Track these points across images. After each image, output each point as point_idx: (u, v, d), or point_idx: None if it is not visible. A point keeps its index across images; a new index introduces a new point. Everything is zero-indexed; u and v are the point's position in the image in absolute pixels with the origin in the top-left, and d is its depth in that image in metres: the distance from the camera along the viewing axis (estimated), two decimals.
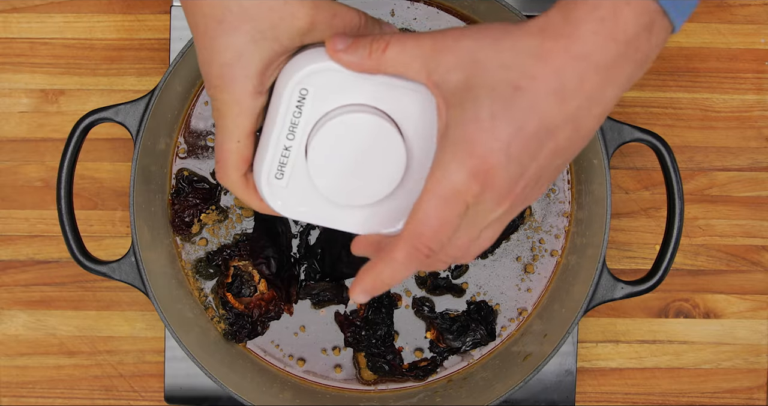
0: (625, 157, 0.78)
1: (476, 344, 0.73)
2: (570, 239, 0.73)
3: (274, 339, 0.74)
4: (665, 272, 0.67)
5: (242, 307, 0.73)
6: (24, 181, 0.78)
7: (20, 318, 0.78)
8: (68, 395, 0.78)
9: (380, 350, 0.73)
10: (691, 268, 0.78)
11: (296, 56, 0.49)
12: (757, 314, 0.78)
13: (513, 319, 0.74)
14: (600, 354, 0.78)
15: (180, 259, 0.73)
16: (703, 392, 0.78)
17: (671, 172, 0.67)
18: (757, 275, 0.78)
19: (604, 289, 0.68)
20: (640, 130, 0.68)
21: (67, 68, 0.77)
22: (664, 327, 0.78)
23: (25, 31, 0.77)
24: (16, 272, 0.78)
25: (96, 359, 0.78)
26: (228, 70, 0.48)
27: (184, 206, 0.72)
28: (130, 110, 0.68)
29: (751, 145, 0.78)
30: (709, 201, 0.78)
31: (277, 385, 0.72)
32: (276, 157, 0.50)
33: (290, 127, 0.49)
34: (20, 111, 0.77)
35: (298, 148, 0.50)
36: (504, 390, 0.69)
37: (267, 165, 0.50)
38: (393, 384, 0.74)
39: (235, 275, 0.73)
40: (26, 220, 0.78)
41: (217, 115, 0.50)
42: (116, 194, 0.78)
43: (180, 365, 0.75)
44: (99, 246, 0.77)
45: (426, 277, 0.73)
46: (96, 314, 0.78)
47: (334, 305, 0.73)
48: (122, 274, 0.68)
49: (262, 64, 0.48)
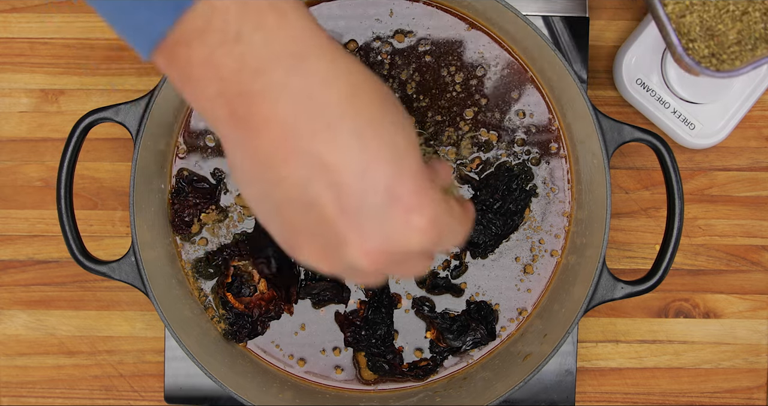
0: (625, 157, 0.78)
1: (476, 343, 0.73)
2: (570, 239, 0.73)
3: (274, 339, 0.74)
4: (665, 271, 0.67)
5: (242, 307, 0.73)
6: (24, 181, 0.78)
7: (20, 318, 0.78)
8: (68, 395, 0.78)
9: (380, 350, 0.73)
10: (691, 268, 0.78)
11: None
12: (757, 314, 0.78)
13: (513, 319, 0.74)
14: (600, 354, 0.78)
15: (180, 259, 0.73)
16: (703, 392, 0.78)
17: (671, 172, 0.67)
18: (757, 275, 0.78)
19: (604, 289, 0.68)
20: (640, 130, 0.68)
21: (67, 68, 0.77)
22: (664, 327, 0.78)
23: (25, 31, 0.77)
24: (16, 272, 0.78)
25: (96, 358, 0.78)
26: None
27: (184, 205, 0.72)
28: (130, 110, 0.68)
29: (751, 145, 0.78)
30: (709, 201, 0.78)
31: (277, 385, 0.72)
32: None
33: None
34: (20, 111, 0.77)
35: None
36: (504, 390, 0.69)
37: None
38: (393, 384, 0.74)
39: (235, 275, 0.73)
40: (26, 220, 0.78)
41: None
42: (116, 194, 0.78)
43: (180, 365, 0.75)
44: (99, 246, 0.77)
45: (425, 276, 0.73)
46: (96, 314, 0.78)
47: (334, 305, 0.73)
48: (122, 274, 0.68)
49: None
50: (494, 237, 0.72)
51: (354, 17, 0.72)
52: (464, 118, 0.72)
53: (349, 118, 0.42)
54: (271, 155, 0.42)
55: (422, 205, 0.43)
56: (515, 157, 0.73)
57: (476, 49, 0.72)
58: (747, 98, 0.74)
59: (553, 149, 0.73)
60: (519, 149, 0.73)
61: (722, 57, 0.64)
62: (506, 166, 0.72)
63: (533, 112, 0.73)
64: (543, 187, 0.73)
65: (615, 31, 0.77)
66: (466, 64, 0.72)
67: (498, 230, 0.72)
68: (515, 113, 0.73)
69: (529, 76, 0.72)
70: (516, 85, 0.73)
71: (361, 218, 0.42)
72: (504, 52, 0.72)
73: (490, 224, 0.72)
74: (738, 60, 0.64)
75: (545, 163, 0.73)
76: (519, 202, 0.72)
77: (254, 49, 0.41)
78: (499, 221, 0.72)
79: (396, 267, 0.45)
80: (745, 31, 0.64)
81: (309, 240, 0.44)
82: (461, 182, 0.72)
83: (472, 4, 0.71)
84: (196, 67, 0.41)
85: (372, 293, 0.73)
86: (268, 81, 0.41)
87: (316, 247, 0.45)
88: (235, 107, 0.42)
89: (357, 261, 0.44)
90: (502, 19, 0.70)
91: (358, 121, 0.42)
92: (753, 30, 0.64)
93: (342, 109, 0.42)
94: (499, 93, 0.73)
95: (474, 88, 0.72)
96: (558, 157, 0.73)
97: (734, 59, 0.64)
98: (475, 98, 0.72)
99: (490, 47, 0.72)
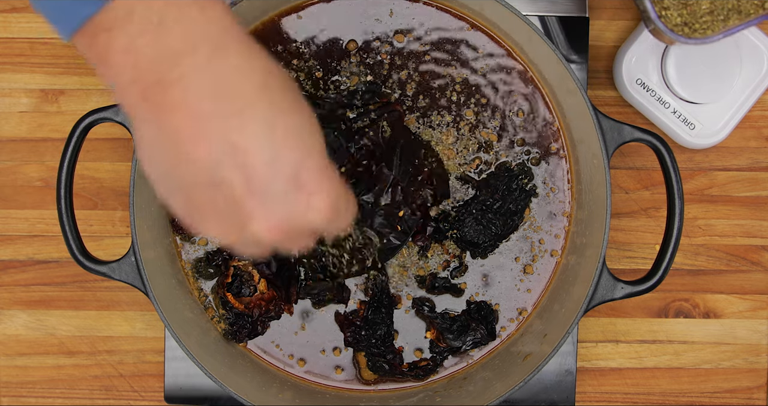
0: (625, 157, 0.78)
1: (477, 343, 0.73)
2: (570, 239, 0.73)
3: (274, 339, 0.74)
4: (665, 271, 0.67)
5: (242, 307, 0.73)
6: (24, 181, 0.78)
7: (20, 318, 0.78)
8: (68, 395, 0.78)
9: (380, 350, 0.73)
10: (691, 268, 0.78)
11: None
12: (757, 314, 0.78)
13: (513, 319, 0.74)
14: (600, 354, 0.78)
15: (180, 258, 0.73)
16: (703, 392, 0.78)
17: (671, 172, 0.67)
18: (757, 275, 0.78)
19: (604, 289, 0.68)
20: (640, 130, 0.68)
21: (67, 68, 0.77)
22: (664, 327, 0.78)
23: (25, 31, 0.77)
24: (16, 272, 0.78)
25: (96, 358, 0.78)
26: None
27: None
28: None
29: (751, 145, 0.78)
30: (709, 201, 0.78)
31: (277, 385, 0.72)
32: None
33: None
34: (20, 111, 0.77)
35: None
36: (504, 390, 0.69)
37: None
38: (393, 384, 0.74)
39: (235, 275, 0.73)
40: (26, 220, 0.78)
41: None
42: (116, 194, 0.78)
43: (180, 365, 0.75)
44: (99, 246, 0.77)
45: (425, 276, 0.73)
46: (96, 314, 0.78)
47: (334, 305, 0.73)
48: (122, 274, 0.68)
49: None
50: (494, 237, 0.72)
51: (354, 17, 0.72)
52: (464, 118, 0.72)
53: (261, 107, 0.45)
54: (181, 138, 0.45)
55: (323, 190, 0.47)
56: (515, 158, 0.73)
57: (476, 49, 0.73)
58: (747, 98, 0.74)
59: (553, 149, 0.73)
60: (519, 149, 0.73)
61: (694, 26, 0.65)
62: (506, 166, 0.72)
63: (533, 112, 0.73)
64: (543, 187, 0.73)
65: (615, 31, 0.77)
66: (466, 64, 0.72)
67: (498, 230, 0.72)
68: (515, 113, 0.73)
69: (529, 76, 0.72)
70: (516, 85, 0.73)
71: (267, 199, 0.46)
72: (504, 52, 0.72)
73: (490, 224, 0.72)
74: (710, 30, 0.65)
75: (545, 163, 0.73)
76: (519, 202, 0.72)
77: (174, 38, 0.43)
78: (499, 220, 0.72)
79: (289, 241, 0.49)
80: (718, 2, 0.64)
81: (212, 214, 0.48)
82: (461, 182, 0.73)
83: (472, 4, 0.71)
84: (115, 54, 0.43)
85: (372, 293, 0.73)
86: (185, 69, 0.44)
87: (220, 222, 0.48)
88: (150, 94, 0.44)
89: (260, 235, 0.47)
90: (501, 19, 0.70)
91: (270, 111, 0.45)
92: (726, 1, 0.64)
93: (255, 98, 0.45)
94: (499, 93, 0.73)
95: (474, 88, 0.72)
96: (558, 157, 0.73)
97: (706, 29, 0.65)
98: (475, 98, 0.72)
99: (490, 47, 0.72)
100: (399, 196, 0.70)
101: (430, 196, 0.71)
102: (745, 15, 0.64)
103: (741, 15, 0.64)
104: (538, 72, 0.72)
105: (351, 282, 0.73)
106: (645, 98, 0.74)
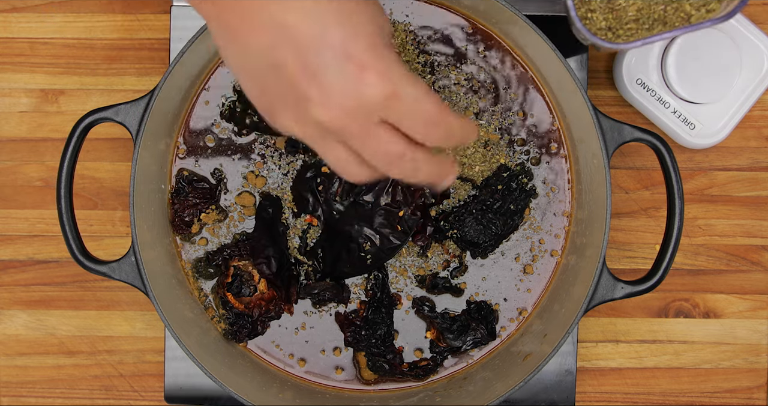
0: (625, 157, 0.78)
1: (477, 343, 0.73)
2: (570, 239, 0.73)
3: (274, 339, 0.74)
4: (665, 271, 0.67)
5: (242, 307, 0.73)
6: (24, 181, 0.78)
7: (20, 318, 0.78)
8: (68, 394, 0.78)
9: (380, 350, 0.73)
10: (691, 268, 0.78)
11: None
12: (757, 313, 0.78)
13: (513, 319, 0.74)
14: (600, 354, 0.78)
15: (180, 258, 0.73)
16: (703, 392, 0.78)
17: (671, 172, 0.67)
18: (757, 275, 0.78)
19: (604, 289, 0.68)
20: (640, 130, 0.68)
21: (67, 68, 0.77)
22: (664, 327, 0.78)
23: (25, 31, 0.77)
24: (16, 271, 0.78)
25: (96, 358, 0.78)
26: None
27: (184, 205, 0.72)
28: (130, 110, 0.68)
29: (751, 145, 0.78)
30: (709, 201, 0.78)
31: (277, 385, 0.72)
32: None
33: None
34: (20, 111, 0.77)
35: None
36: (504, 390, 0.69)
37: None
38: (393, 384, 0.74)
39: (235, 275, 0.73)
40: (26, 220, 0.78)
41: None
42: (116, 194, 0.78)
43: (180, 365, 0.75)
44: (99, 246, 0.77)
45: (425, 276, 0.73)
46: (96, 314, 0.78)
47: (334, 305, 0.73)
48: (122, 274, 0.68)
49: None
50: (494, 237, 0.72)
51: None
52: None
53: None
54: (240, 28, 0.47)
55: (374, 66, 0.46)
56: (515, 157, 0.73)
57: (476, 49, 0.73)
58: (747, 98, 0.74)
59: (553, 149, 0.73)
60: (519, 149, 0.73)
61: (618, 32, 0.65)
62: (506, 166, 0.72)
63: (533, 112, 0.73)
64: (543, 187, 0.73)
65: None
66: (466, 64, 0.72)
67: (498, 229, 0.72)
68: (515, 113, 0.73)
69: (529, 76, 0.72)
70: (516, 85, 0.73)
71: (320, 75, 0.46)
72: (504, 52, 0.72)
73: (490, 223, 0.72)
74: (633, 37, 0.65)
75: (545, 163, 0.73)
76: (519, 202, 0.72)
77: None
78: (499, 220, 0.72)
79: (357, 127, 0.47)
80: (644, 10, 0.64)
81: (281, 103, 0.48)
82: (461, 182, 0.72)
83: (473, 4, 0.71)
84: None
85: (372, 293, 0.73)
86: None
87: (288, 109, 0.48)
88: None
89: (320, 117, 0.47)
90: (502, 19, 0.70)
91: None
92: (653, 10, 0.64)
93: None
94: (499, 93, 0.73)
95: (474, 88, 0.72)
96: (558, 157, 0.73)
97: (629, 36, 0.65)
98: (475, 98, 0.72)
99: (491, 47, 0.72)
100: (399, 196, 0.70)
101: (430, 196, 0.71)
102: (669, 26, 0.65)
103: (666, 26, 0.65)
104: (538, 72, 0.72)
105: (351, 282, 0.73)
106: (645, 98, 0.74)
